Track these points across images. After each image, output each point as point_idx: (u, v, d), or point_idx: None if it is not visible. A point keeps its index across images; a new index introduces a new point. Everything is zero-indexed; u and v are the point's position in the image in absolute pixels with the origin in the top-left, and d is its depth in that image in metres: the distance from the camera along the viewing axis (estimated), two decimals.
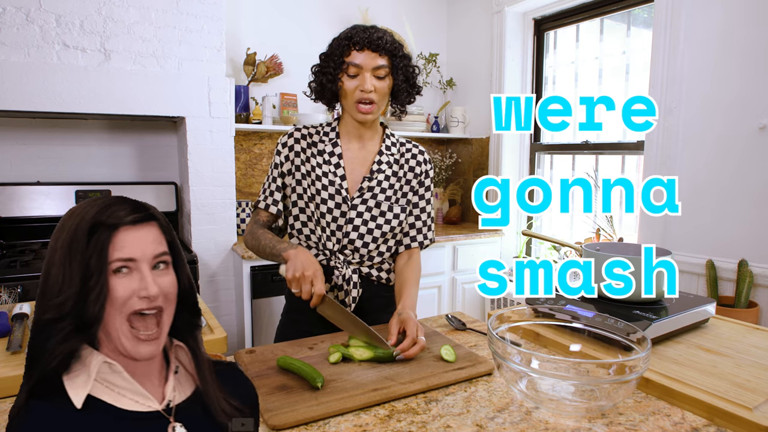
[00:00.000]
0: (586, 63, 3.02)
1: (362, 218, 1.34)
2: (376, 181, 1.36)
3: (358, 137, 1.39)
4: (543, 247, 3.28)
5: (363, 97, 1.28)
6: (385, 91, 1.31)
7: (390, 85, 1.32)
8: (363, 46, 1.26)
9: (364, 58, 1.26)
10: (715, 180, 2.19)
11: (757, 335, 1.19)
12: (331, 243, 1.35)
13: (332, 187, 1.34)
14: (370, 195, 1.35)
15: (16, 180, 2.55)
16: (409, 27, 3.59)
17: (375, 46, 1.26)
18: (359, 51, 1.26)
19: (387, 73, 1.30)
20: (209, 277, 2.65)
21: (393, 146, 1.42)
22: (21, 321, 1.25)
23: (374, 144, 1.41)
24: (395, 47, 1.30)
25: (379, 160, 1.38)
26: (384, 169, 1.38)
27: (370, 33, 1.27)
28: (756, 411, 0.83)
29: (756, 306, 2.03)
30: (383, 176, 1.37)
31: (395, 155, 1.41)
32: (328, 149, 1.37)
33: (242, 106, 2.89)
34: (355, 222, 1.34)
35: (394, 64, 1.31)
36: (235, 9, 2.99)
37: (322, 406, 0.86)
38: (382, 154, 1.39)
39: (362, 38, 1.26)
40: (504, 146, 3.31)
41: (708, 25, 2.18)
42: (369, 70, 1.27)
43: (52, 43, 2.22)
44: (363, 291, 1.38)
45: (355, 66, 1.27)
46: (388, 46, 1.28)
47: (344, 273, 1.34)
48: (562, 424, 0.83)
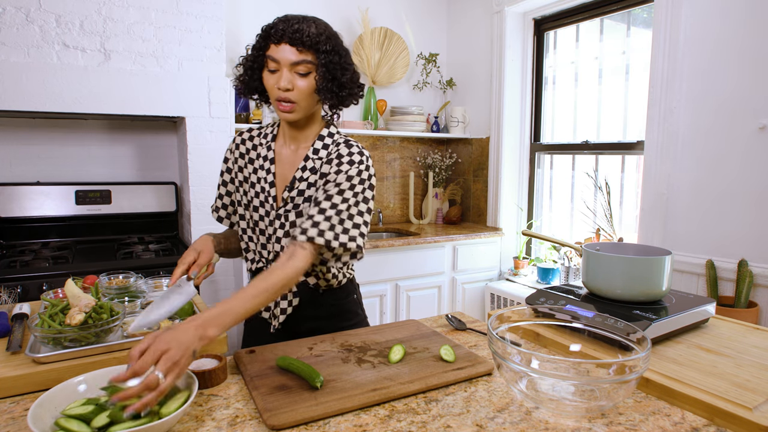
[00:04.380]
0: (586, 63, 3.02)
1: (284, 229, 1.26)
2: (297, 190, 1.25)
3: (292, 138, 1.29)
4: (543, 247, 3.28)
5: (280, 96, 1.17)
6: (307, 91, 1.18)
7: (314, 85, 1.19)
8: (280, 40, 1.14)
9: (282, 53, 1.14)
10: (715, 180, 2.19)
11: (757, 335, 1.18)
12: (266, 251, 1.31)
13: (262, 194, 1.28)
14: (292, 205, 1.25)
15: (16, 180, 2.55)
16: (409, 27, 3.59)
17: (293, 39, 1.13)
18: (277, 44, 1.15)
19: (310, 69, 1.17)
20: (209, 277, 2.65)
21: (325, 148, 1.27)
22: (21, 321, 1.24)
23: (307, 147, 1.29)
24: (319, 41, 1.16)
25: (303, 166, 1.26)
26: (306, 177, 1.25)
27: (291, 24, 1.15)
28: (756, 411, 0.83)
29: (756, 306, 2.03)
30: (305, 184, 1.25)
31: (323, 159, 1.26)
32: (263, 153, 1.30)
33: (242, 106, 2.90)
34: (278, 233, 1.27)
35: (319, 61, 1.17)
36: (235, 9, 2.99)
37: (322, 406, 0.86)
38: (307, 159, 1.26)
39: (280, 30, 1.14)
40: (504, 146, 3.31)
41: (708, 25, 2.18)
42: (287, 65, 1.15)
43: (52, 43, 2.22)
44: (301, 299, 1.32)
45: (273, 61, 1.16)
46: (309, 40, 1.14)
47: None
48: (562, 424, 0.83)
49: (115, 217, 2.69)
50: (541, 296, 1.29)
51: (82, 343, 1.09)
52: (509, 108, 3.29)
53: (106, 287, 1.45)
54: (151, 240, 2.72)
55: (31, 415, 0.73)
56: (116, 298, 1.38)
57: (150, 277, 1.56)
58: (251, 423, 0.84)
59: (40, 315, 1.11)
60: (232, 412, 0.88)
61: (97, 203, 2.63)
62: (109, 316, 1.14)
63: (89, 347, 1.09)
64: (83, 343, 1.09)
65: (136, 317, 1.14)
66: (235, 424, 0.83)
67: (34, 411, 0.75)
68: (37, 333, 1.06)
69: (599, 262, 1.21)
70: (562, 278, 2.94)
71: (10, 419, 0.84)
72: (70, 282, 1.20)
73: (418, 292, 3.03)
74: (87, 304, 1.14)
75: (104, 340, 1.12)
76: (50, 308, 1.16)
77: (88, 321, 1.11)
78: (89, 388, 0.86)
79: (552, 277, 3.04)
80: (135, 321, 1.08)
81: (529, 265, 3.31)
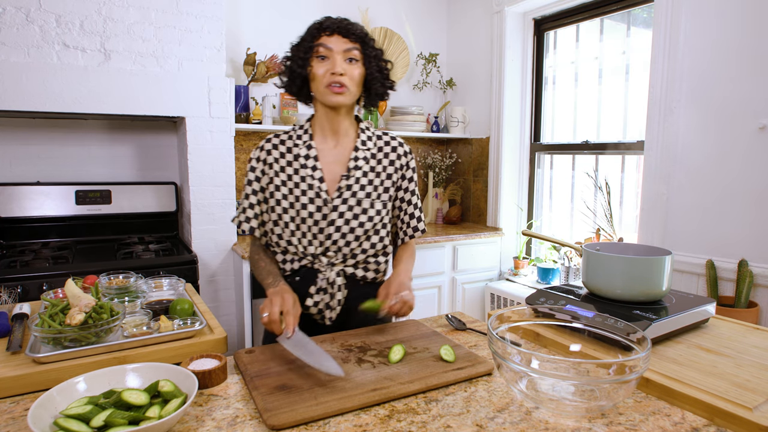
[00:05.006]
0: (586, 63, 3.02)
1: (343, 218, 1.32)
2: (354, 178, 1.33)
3: (332, 132, 1.36)
4: (543, 247, 3.28)
5: (334, 79, 1.25)
6: (356, 79, 1.29)
7: (362, 73, 1.30)
8: (333, 31, 1.26)
9: (335, 42, 1.26)
10: (715, 180, 2.19)
11: (757, 335, 1.18)
12: (313, 247, 1.32)
13: (311, 191, 1.31)
14: (350, 194, 1.32)
15: (16, 180, 2.56)
16: (409, 27, 3.59)
17: (346, 31, 1.26)
18: (329, 35, 1.26)
19: (358, 58, 1.28)
20: (209, 277, 2.65)
21: (369, 140, 1.39)
22: (21, 321, 1.24)
23: (349, 140, 1.37)
24: (366, 35, 1.30)
25: (356, 157, 1.35)
26: (361, 165, 1.35)
27: (341, 20, 1.28)
28: (756, 411, 0.83)
29: (756, 306, 2.03)
30: (361, 173, 1.35)
31: (372, 149, 1.38)
32: (303, 152, 1.34)
33: (242, 106, 2.90)
34: (337, 222, 1.31)
35: (366, 53, 1.29)
36: (235, 9, 2.99)
37: (322, 406, 0.86)
38: (357, 150, 1.36)
39: (332, 23, 1.27)
40: (504, 146, 3.31)
41: (708, 25, 2.18)
42: (340, 52, 1.26)
43: (52, 43, 2.22)
44: (349, 291, 1.36)
45: (325, 48, 1.26)
46: (358, 32, 1.28)
47: (328, 276, 1.32)
48: (562, 424, 0.83)
49: (115, 217, 2.69)
50: (541, 296, 1.29)
51: (82, 343, 1.09)
52: (509, 108, 3.29)
53: (106, 287, 1.45)
54: (151, 240, 2.72)
55: (31, 415, 0.73)
56: (116, 298, 1.38)
57: (150, 277, 1.56)
58: (251, 423, 0.84)
59: (40, 315, 1.11)
60: (232, 412, 0.88)
61: (97, 203, 2.63)
62: (109, 316, 1.14)
63: (89, 347, 1.09)
64: (83, 343, 1.09)
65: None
66: (235, 424, 0.83)
67: (34, 411, 0.75)
68: (37, 333, 1.06)
69: (599, 262, 1.21)
70: (562, 278, 2.94)
71: (10, 419, 0.84)
72: (70, 282, 1.20)
73: (418, 292, 3.03)
74: (87, 304, 1.14)
75: (104, 340, 1.13)
76: (50, 308, 1.16)
77: (88, 321, 1.11)
78: (89, 388, 0.86)
79: (552, 277, 3.04)
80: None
81: (529, 265, 3.31)
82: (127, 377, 0.90)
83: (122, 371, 0.90)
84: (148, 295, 1.46)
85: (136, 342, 1.14)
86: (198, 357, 1.03)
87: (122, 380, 0.89)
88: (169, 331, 1.19)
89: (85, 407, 0.78)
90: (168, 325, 1.21)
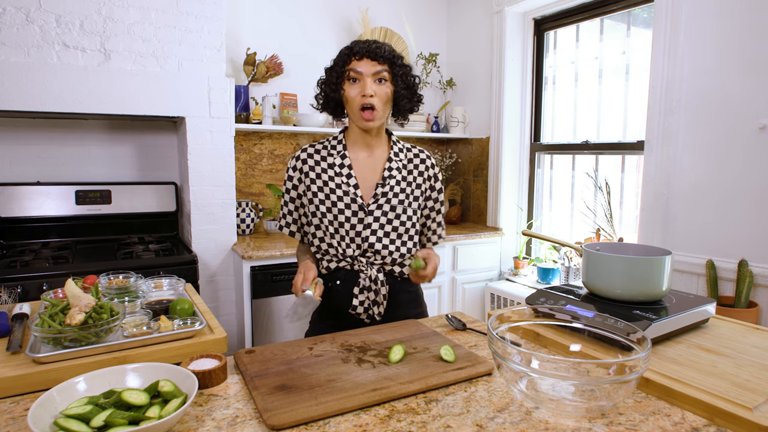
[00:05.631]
0: (586, 63, 3.02)
1: (379, 222, 1.43)
2: (389, 186, 1.45)
3: (365, 145, 1.47)
4: (543, 247, 3.28)
5: (364, 102, 1.36)
6: (385, 97, 1.39)
7: (391, 91, 1.40)
8: (363, 55, 1.36)
9: (364, 66, 1.36)
10: (715, 180, 2.19)
11: (757, 335, 1.18)
12: (351, 249, 1.43)
13: (347, 197, 1.42)
14: (385, 200, 1.43)
15: (16, 180, 2.56)
16: (409, 27, 3.59)
17: (374, 54, 1.36)
18: (359, 60, 1.37)
19: (387, 78, 1.39)
20: (209, 277, 2.65)
21: (400, 152, 1.51)
22: (21, 321, 1.24)
23: (382, 151, 1.49)
24: (394, 56, 1.40)
25: (389, 167, 1.46)
26: (395, 175, 1.46)
27: (369, 44, 1.38)
28: (756, 411, 0.83)
29: (756, 306, 2.03)
30: (394, 181, 1.46)
31: (403, 161, 1.50)
32: (338, 161, 1.45)
33: (242, 106, 2.90)
34: (373, 226, 1.42)
35: (394, 72, 1.40)
36: (235, 9, 2.99)
37: (322, 406, 0.86)
38: (391, 161, 1.47)
39: (362, 48, 1.37)
40: (504, 146, 3.31)
41: (708, 25, 2.18)
42: (369, 75, 1.36)
43: (52, 43, 2.22)
44: (390, 287, 1.46)
45: (355, 72, 1.36)
46: (386, 54, 1.38)
47: (370, 274, 1.42)
48: (562, 424, 0.83)
49: (115, 217, 2.69)
50: (541, 296, 1.29)
51: (82, 343, 1.09)
52: (509, 108, 3.29)
53: (106, 287, 1.45)
54: (151, 240, 2.72)
55: (31, 415, 0.73)
56: (116, 298, 1.38)
57: (150, 278, 1.56)
58: (251, 423, 0.84)
59: (40, 315, 1.11)
60: (232, 412, 0.88)
61: (97, 203, 2.63)
62: (109, 316, 1.14)
63: (89, 347, 1.09)
64: (83, 343, 1.09)
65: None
66: (235, 424, 0.83)
67: (34, 411, 0.75)
68: (37, 333, 1.06)
69: (599, 262, 1.21)
70: (562, 278, 2.94)
71: (10, 419, 0.84)
72: (70, 282, 1.20)
73: None
74: (87, 304, 1.14)
75: (104, 340, 1.13)
76: (50, 308, 1.16)
77: (88, 321, 1.11)
78: (89, 388, 0.86)
79: (552, 277, 3.04)
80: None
81: (529, 265, 3.31)
82: (127, 377, 0.90)
83: (122, 371, 0.90)
84: (148, 295, 1.46)
85: (136, 342, 1.14)
86: (198, 357, 1.03)
87: (122, 380, 0.89)
88: (169, 331, 1.19)
89: (85, 407, 0.78)
90: (168, 325, 1.21)
